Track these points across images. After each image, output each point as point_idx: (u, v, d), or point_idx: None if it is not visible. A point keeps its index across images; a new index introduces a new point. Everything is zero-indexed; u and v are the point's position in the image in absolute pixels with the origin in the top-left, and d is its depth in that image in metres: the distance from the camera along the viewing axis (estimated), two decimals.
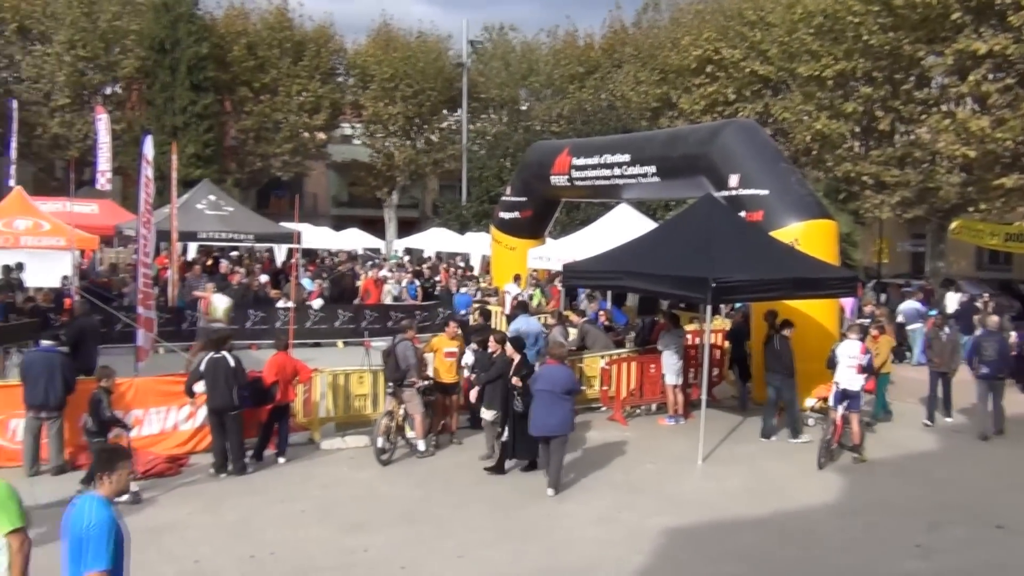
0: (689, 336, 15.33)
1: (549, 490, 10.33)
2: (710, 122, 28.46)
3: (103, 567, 4.64)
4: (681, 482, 11.10)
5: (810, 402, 13.55)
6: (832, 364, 11.98)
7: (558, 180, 20.63)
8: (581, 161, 19.76)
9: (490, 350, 11.74)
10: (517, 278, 21.47)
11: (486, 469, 11.11)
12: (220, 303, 16.84)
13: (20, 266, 18.97)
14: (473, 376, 12.05)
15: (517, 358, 11.12)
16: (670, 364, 13.94)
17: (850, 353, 11.88)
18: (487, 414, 11.42)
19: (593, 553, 8.56)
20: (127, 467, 5.05)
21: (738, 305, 18.21)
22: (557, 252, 19.52)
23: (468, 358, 12.28)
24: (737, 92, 35.06)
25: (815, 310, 14.30)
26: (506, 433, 11.10)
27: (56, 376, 10.31)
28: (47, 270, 19.20)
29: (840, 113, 28.15)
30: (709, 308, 12.27)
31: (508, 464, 11.18)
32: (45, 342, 10.83)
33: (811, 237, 14.29)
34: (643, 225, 18.18)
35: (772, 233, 13.96)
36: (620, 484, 10.86)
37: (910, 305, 20.91)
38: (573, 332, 15.98)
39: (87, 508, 4.75)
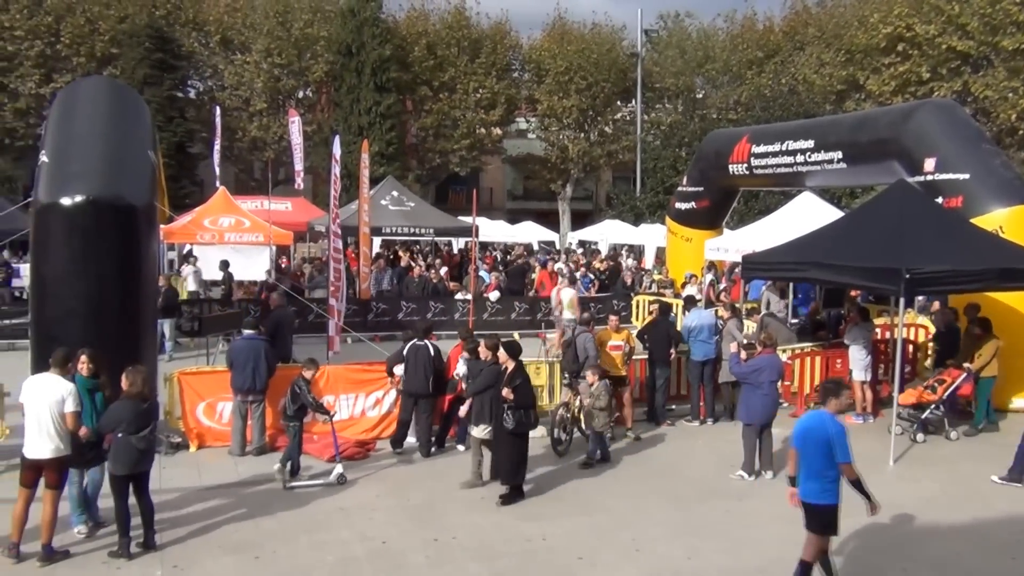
0: (878, 330, 14.56)
1: (768, 473, 10.54)
2: (902, 103, 26.83)
3: (851, 459, 6.82)
4: (870, 483, 10.36)
5: (1018, 402, 12.49)
6: None
7: (736, 169, 20.13)
8: (761, 148, 19.19)
9: (482, 357, 10.38)
10: (711, 267, 21.15)
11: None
12: (565, 296, 17.68)
13: (226, 263, 20.53)
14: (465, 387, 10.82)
15: (511, 366, 9.75)
16: (858, 359, 13.29)
17: None
18: (478, 431, 10.01)
19: (774, 553, 8.28)
20: (846, 394, 7.25)
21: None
22: (736, 243, 19.00)
23: (461, 368, 11.23)
24: (932, 70, 32.88)
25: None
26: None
27: (260, 362, 11.09)
28: (247, 265, 20.69)
29: None
30: (902, 301, 11.57)
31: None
32: (247, 331, 11.66)
33: (1018, 224, 13.24)
34: (828, 214, 17.36)
35: (973, 220, 13.04)
36: None
37: None
38: (751, 325, 15.54)
39: (826, 420, 6.88)
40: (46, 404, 7.71)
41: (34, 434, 7.72)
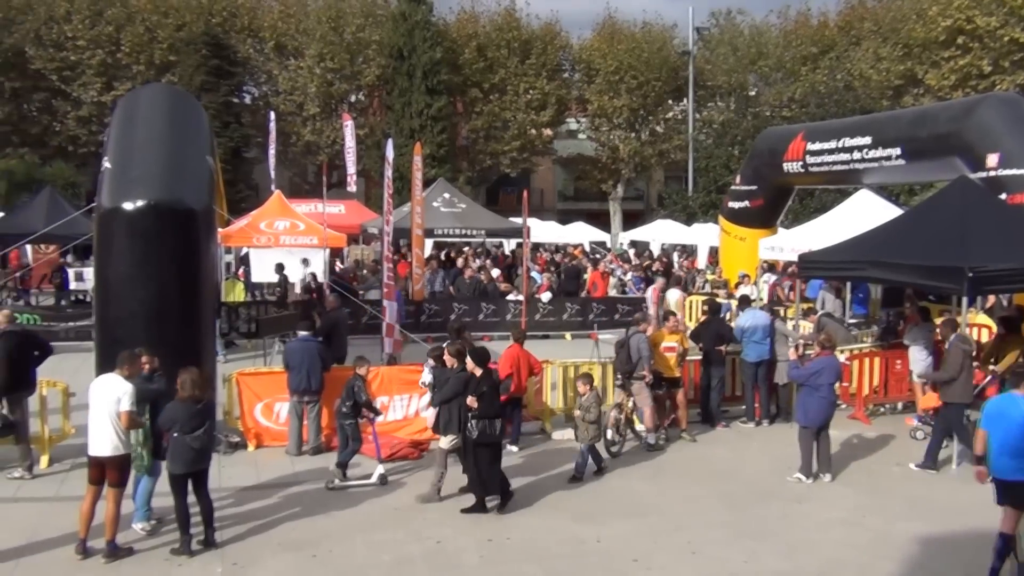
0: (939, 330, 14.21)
1: (826, 476, 10.45)
2: (963, 98, 26.20)
3: None
4: (932, 486, 10.32)
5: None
6: None
7: (791, 167, 19.87)
8: (816, 146, 18.92)
9: (448, 365, 10.04)
10: (770, 267, 20.93)
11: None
12: (671, 296, 17.75)
13: (281, 266, 20.86)
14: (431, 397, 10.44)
15: (478, 373, 9.39)
16: (919, 360, 12.99)
17: None
18: (444, 441, 9.66)
19: (833, 556, 8.17)
20: None
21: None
22: (791, 242, 18.72)
23: (426, 376, 10.91)
24: (994, 63, 32.08)
25: None
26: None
27: (315, 363, 11.23)
28: (301, 267, 21.01)
29: None
30: (965, 300, 11.29)
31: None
32: (302, 332, 11.81)
33: None
34: (886, 212, 17.01)
35: None
36: (863, 486, 10.28)
37: None
38: (807, 325, 15.31)
39: (1020, 402, 7.28)
40: (105, 404, 7.93)
41: (95, 433, 7.96)
